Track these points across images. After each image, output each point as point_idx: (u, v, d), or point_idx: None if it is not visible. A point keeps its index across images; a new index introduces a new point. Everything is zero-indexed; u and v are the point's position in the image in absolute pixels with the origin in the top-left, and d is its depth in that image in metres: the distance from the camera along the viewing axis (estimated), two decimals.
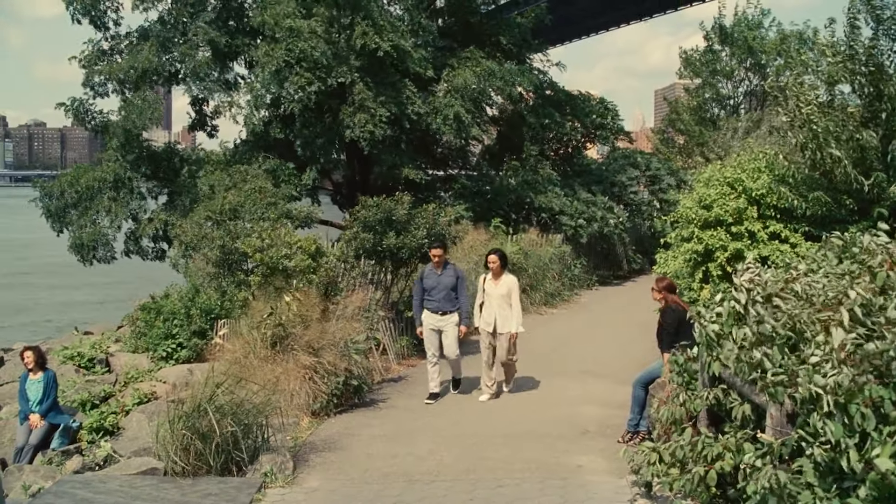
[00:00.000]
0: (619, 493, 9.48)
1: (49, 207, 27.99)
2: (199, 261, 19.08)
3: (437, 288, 14.05)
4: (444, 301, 14.05)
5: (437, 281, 14.09)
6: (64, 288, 43.97)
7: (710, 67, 41.77)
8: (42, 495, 9.91)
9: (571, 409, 13.35)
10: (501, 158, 31.31)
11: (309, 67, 24.08)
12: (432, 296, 14.11)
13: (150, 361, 17.00)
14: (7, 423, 14.33)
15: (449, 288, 14.05)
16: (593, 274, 27.99)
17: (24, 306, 38.52)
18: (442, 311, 14.07)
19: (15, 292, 43.15)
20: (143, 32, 28.71)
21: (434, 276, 14.14)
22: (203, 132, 30.61)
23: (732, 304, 8.11)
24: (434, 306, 14.10)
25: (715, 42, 41.47)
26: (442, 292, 14.04)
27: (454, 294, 14.12)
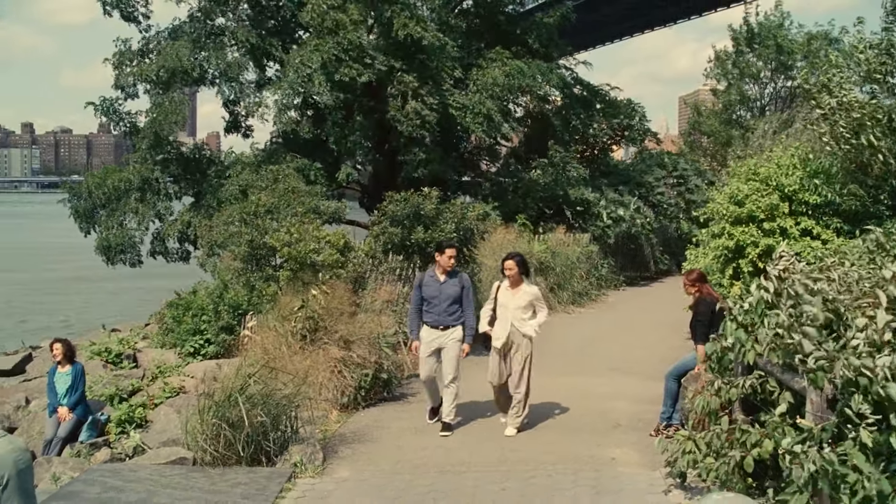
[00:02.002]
0: (653, 485, 9.39)
1: (77, 208, 28.10)
2: (226, 258, 19.09)
3: (439, 298, 11.91)
4: (446, 314, 11.93)
5: (439, 290, 11.95)
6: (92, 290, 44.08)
7: (738, 69, 41.58)
8: (72, 483, 9.91)
9: (602, 405, 13.25)
10: (528, 159, 31.20)
11: (356, 58, 24.08)
12: (432, 307, 11.98)
13: (178, 357, 16.96)
14: (36, 416, 14.33)
15: (451, 299, 11.91)
16: (620, 274, 27.85)
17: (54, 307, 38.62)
18: (443, 326, 11.90)
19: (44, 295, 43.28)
20: (172, 32, 28.76)
21: (435, 284, 12.01)
22: (237, 133, 30.60)
23: (762, 293, 8.04)
24: (433, 320, 11.95)
25: (743, 43, 41.25)
26: (444, 303, 11.91)
27: (458, 306, 11.97)
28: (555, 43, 31.11)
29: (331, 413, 12.58)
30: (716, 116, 42.32)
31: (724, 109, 42.42)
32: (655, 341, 17.96)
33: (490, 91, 26.25)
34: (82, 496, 9.31)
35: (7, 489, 7.47)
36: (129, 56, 28.21)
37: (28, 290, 44.85)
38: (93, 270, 41.43)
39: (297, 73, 23.73)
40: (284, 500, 9.20)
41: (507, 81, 26.51)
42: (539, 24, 30.68)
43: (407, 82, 24.55)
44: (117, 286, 42.59)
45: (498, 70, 26.64)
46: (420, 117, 24.32)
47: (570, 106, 31.76)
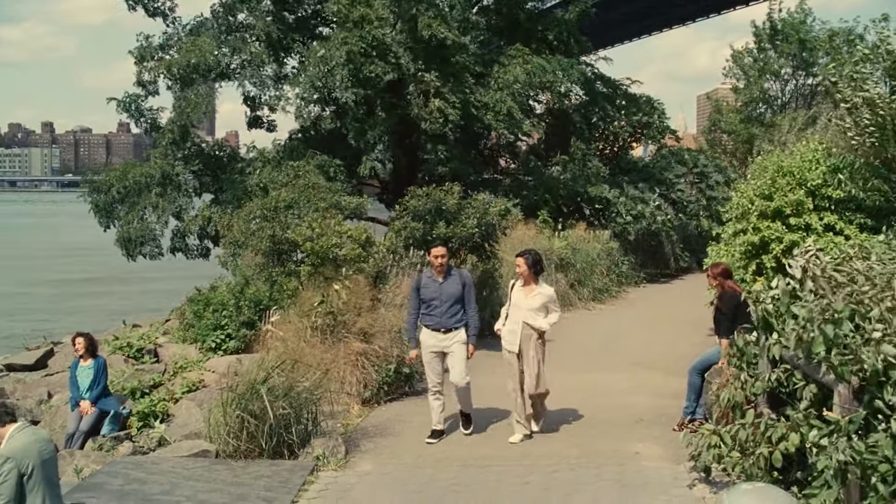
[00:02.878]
0: (677, 479, 9.38)
1: (97, 202, 28.14)
2: (248, 254, 19.10)
3: (439, 299, 11.19)
4: (447, 316, 11.19)
5: (438, 290, 11.22)
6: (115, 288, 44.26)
7: (759, 65, 41.36)
8: (95, 475, 9.95)
9: (624, 400, 13.23)
10: (549, 156, 31.14)
11: (380, 54, 24.13)
12: (432, 310, 11.24)
13: (199, 352, 16.94)
14: (58, 410, 14.34)
15: (453, 299, 11.19)
16: (641, 271, 27.74)
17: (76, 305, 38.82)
18: (445, 329, 11.19)
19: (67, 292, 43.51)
20: (194, 28, 28.83)
21: (434, 285, 11.28)
22: (260, 129, 30.61)
23: (788, 282, 8.00)
24: (434, 323, 11.23)
25: (765, 40, 41.00)
26: (444, 304, 11.18)
27: (460, 306, 11.25)
28: (575, 38, 31.02)
29: (352, 407, 12.59)
30: (736, 114, 42.10)
31: (744, 106, 42.21)
32: (677, 337, 17.87)
33: (511, 88, 26.22)
34: (105, 488, 9.36)
35: (32, 478, 7.58)
36: (151, 52, 28.27)
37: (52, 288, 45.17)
38: (115, 269, 41.78)
39: (318, 68, 23.74)
40: (307, 493, 9.22)
41: (528, 79, 26.46)
42: (559, 21, 30.58)
43: (429, 81, 24.53)
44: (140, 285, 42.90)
45: (519, 68, 26.58)
46: (443, 115, 24.29)
47: (591, 102, 31.70)
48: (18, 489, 7.53)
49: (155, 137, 28.81)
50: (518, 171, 30.94)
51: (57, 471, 8.09)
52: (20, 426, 7.81)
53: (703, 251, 18.74)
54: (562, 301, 21.23)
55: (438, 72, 24.85)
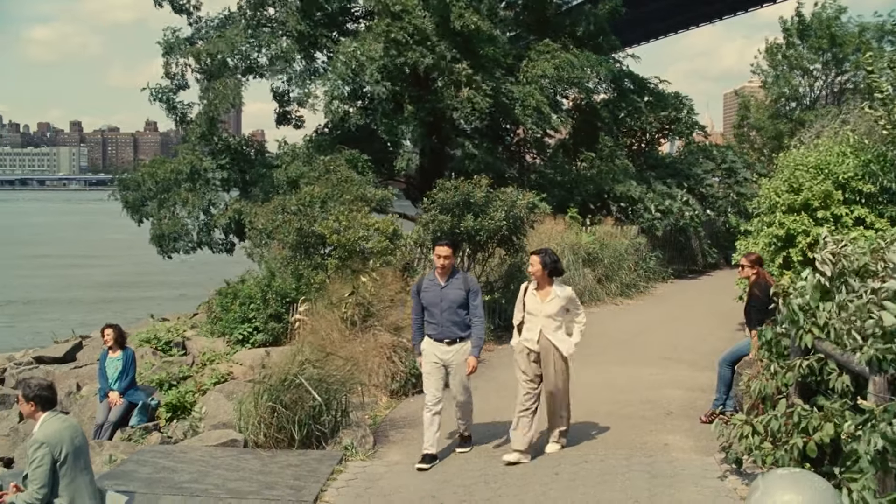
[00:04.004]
0: (707, 470, 9.32)
1: (127, 199, 28.30)
2: (275, 248, 19.15)
3: (440, 305, 9.97)
4: (450, 324, 9.97)
5: (440, 295, 9.99)
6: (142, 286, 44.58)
7: (788, 61, 41.07)
8: (124, 463, 9.99)
9: (654, 393, 13.14)
10: (576, 151, 31.08)
11: (419, 42, 24.16)
12: (432, 316, 10.06)
13: (227, 345, 17.03)
14: (87, 402, 14.40)
15: (456, 305, 9.95)
16: (668, 267, 27.59)
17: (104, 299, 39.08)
18: (448, 339, 9.96)
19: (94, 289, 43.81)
20: (221, 23, 28.94)
21: (435, 289, 10.04)
22: (288, 125, 30.74)
23: (818, 277, 7.94)
24: (436, 332, 10.02)
25: (794, 35, 40.69)
26: (446, 311, 9.95)
27: (464, 312, 10.01)
28: (604, 34, 30.93)
29: (380, 399, 12.57)
30: (765, 110, 41.84)
31: (773, 103, 41.94)
32: (706, 332, 17.79)
33: (539, 83, 26.19)
34: (134, 476, 9.38)
35: (65, 464, 7.59)
36: (178, 44, 28.39)
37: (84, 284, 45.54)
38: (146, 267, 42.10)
39: (347, 63, 23.80)
40: (336, 482, 9.20)
41: (556, 74, 26.41)
42: (588, 15, 30.47)
43: (459, 71, 24.55)
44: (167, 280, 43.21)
45: (547, 63, 26.54)
46: (472, 104, 24.31)
47: (620, 98, 31.62)
48: (52, 475, 7.54)
49: (184, 131, 28.96)
50: (546, 167, 30.86)
51: (88, 458, 8.10)
52: (52, 413, 7.83)
53: (731, 247, 18.66)
54: (589, 296, 21.37)
55: (468, 63, 24.87)
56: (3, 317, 36.25)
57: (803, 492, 5.40)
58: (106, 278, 48.26)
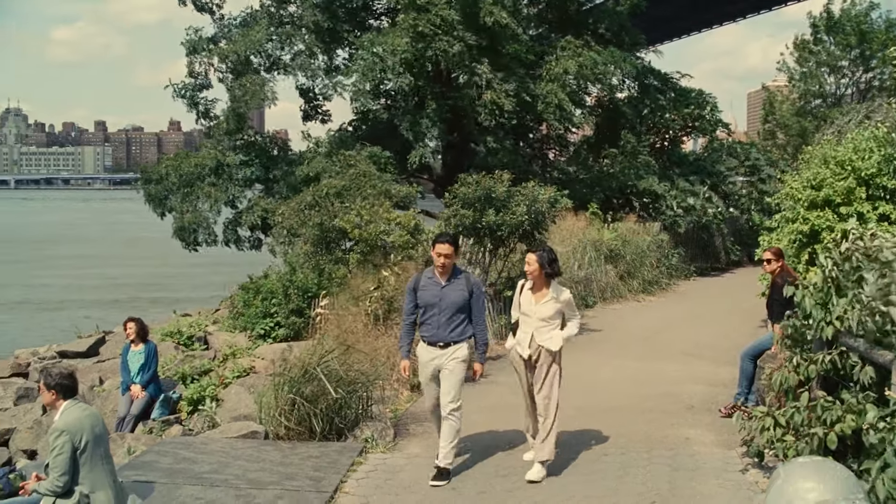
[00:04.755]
0: (729, 464, 9.30)
1: (150, 192, 28.46)
2: (298, 244, 19.19)
3: (438, 306, 9.09)
4: (447, 328, 9.07)
5: (439, 295, 9.10)
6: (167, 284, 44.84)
7: (816, 58, 40.81)
8: (145, 454, 10.04)
9: (675, 388, 13.12)
10: (599, 149, 31.03)
11: (445, 32, 24.19)
12: (429, 318, 9.17)
13: (248, 340, 17.06)
14: (109, 395, 14.46)
15: (455, 307, 9.06)
16: (691, 264, 27.50)
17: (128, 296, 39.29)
18: (443, 343, 9.07)
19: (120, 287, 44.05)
20: (244, 21, 29.06)
21: (434, 288, 9.16)
22: (314, 120, 30.83)
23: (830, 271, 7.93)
24: (431, 334, 9.13)
25: (822, 31, 40.44)
26: (444, 313, 9.07)
27: (464, 317, 9.15)
28: (626, 31, 30.86)
29: (402, 392, 12.56)
30: (790, 106, 41.61)
31: (798, 99, 41.71)
32: (728, 328, 17.73)
33: (562, 80, 26.16)
34: (155, 466, 9.42)
35: (85, 452, 7.61)
36: (202, 44, 28.53)
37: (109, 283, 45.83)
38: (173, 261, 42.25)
39: (372, 57, 23.88)
40: (356, 474, 9.20)
41: (579, 71, 26.37)
42: (610, 12, 30.42)
43: (481, 74, 24.57)
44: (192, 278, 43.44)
45: (570, 60, 26.51)
46: (497, 106, 24.33)
47: (643, 95, 31.55)
48: (72, 463, 7.58)
49: (208, 126, 29.10)
50: (568, 164, 30.83)
51: (108, 447, 8.14)
52: (73, 401, 7.86)
53: (754, 245, 18.54)
54: (611, 292, 21.33)
55: (490, 61, 24.88)
56: (28, 314, 36.54)
57: (825, 480, 5.30)
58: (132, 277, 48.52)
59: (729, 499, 8.22)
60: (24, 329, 31.67)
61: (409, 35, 23.85)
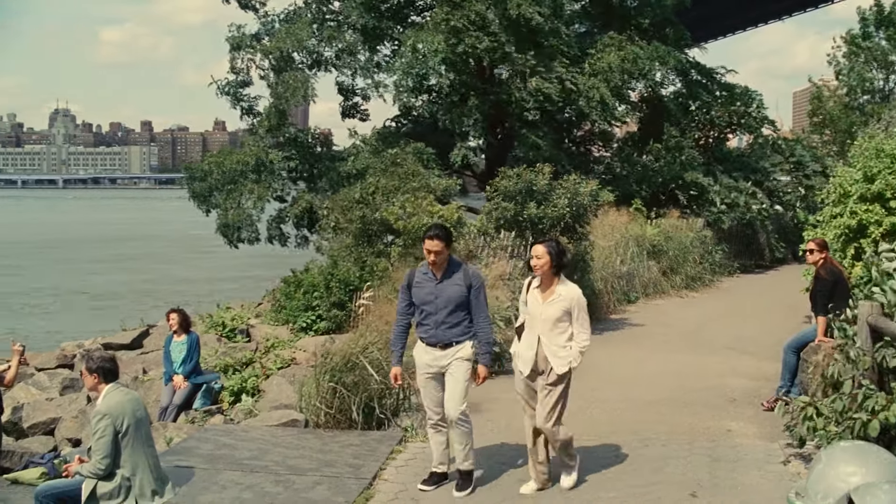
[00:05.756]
0: (771, 455, 9.22)
1: (195, 189, 28.69)
2: (341, 238, 19.27)
3: (435, 303, 8.32)
4: (445, 326, 8.30)
5: (434, 292, 8.34)
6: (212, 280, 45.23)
7: (865, 53, 40.26)
8: (186, 441, 10.14)
9: (717, 381, 13.07)
10: (643, 144, 30.86)
11: (480, 28, 24.20)
12: (425, 317, 8.41)
13: (290, 333, 17.15)
14: (152, 385, 14.57)
15: (453, 304, 8.28)
16: (734, 261, 27.28)
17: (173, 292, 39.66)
18: (442, 344, 8.31)
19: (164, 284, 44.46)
20: (287, 18, 29.18)
21: (429, 284, 8.39)
22: (354, 118, 30.95)
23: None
24: (429, 335, 8.37)
25: (872, 25, 39.89)
26: (441, 311, 8.30)
27: (463, 314, 8.35)
28: (671, 24, 30.67)
29: None
30: (837, 101, 41.10)
31: (846, 94, 41.18)
32: (772, 324, 17.54)
33: (604, 75, 26.06)
34: (195, 452, 9.51)
35: (127, 435, 7.69)
36: (245, 41, 28.67)
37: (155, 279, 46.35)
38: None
39: (414, 53, 23.92)
40: (395, 462, 9.23)
41: (622, 65, 26.25)
42: (654, 7, 30.20)
43: (524, 61, 24.55)
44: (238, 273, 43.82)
45: (613, 55, 26.40)
46: (542, 94, 24.31)
47: (688, 91, 31.35)
48: (114, 446, 7.66)
49: (251, 124, 29.28)
50: (612, 159, 30.71)
51: (150, 431, 8.21)
52: (114, 385, 7.94)
53: (799, 242, 18.36)
54: (654, 288, 21.21)
55: (532, 53, 24.84)
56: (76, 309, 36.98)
57: (868, 463, 5.28)
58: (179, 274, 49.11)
59: (770, 490, 8.14)
60: (71, 323, 32.06)
61: (443, 31, 23.82)
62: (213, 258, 51.53)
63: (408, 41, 24.52)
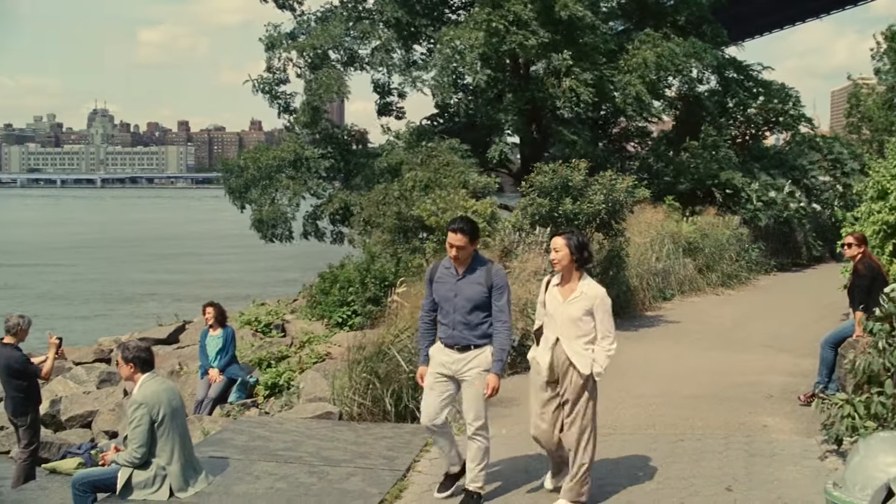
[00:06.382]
0: (807, 451, 9.17)
1: (230, 184, 28.87)
2: (375, 233, 19.30)
3: (454, 302, 7.65)
4: (463, 327, 7.61)
5: (454, 289, 7.66)
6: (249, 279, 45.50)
7: None
8: (221, 432, 10.21)
9: (754, 378, 12.96)
10: (679, 142, 30.69)
11: (519, 27, 24.18)
12: (444, 315, 7.77)
13: (325, 328, 17.18)
14: (188, 379, 14.66)
15: (472, 304, 7.57)
16: (771, 259, 27.07)
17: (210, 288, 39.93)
18: (460, 346, 7.63)
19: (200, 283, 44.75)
20: (322, 16, 29.31)
21: (449, 280, 7.73)
22: (389, 116, 31.00)
23: None
24: (446, 335, 7.74)
25: None
26: (460, 310, 7.61)
27: (486, 315, 7.63)
28: (707, 21, 30.49)
29: None
30: (877, 98, 40.65)
31: (886, 92, 40.74)
32: (809, 321, 17.40)
33: (640, 72, 25.97)
34: (230, 443, 9.56)
35: (162, 425, 7.73)
36: (280, 39, 28.83)
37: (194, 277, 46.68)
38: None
39: (451, 50, 23.94)
40: (429, 454, 9.23)
41: (658, 62, 26.13)
42: (690, 3, 30.01)
43: (560, 60, 24.50)
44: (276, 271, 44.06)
45: (649, 51, 26.30)
46: (575, 94, 24.25)
47: (724, 88, 31.16)
48: (150, 435, 7.70)
49: (288, 121, 29.44)
50: (648, 156, 30.57)
51: (185, 421, 8.25)
52: (150, 375, 7.99)
53: (837, 240, 18.20)
54: (689, 285, 21.10)
55: (570, 50, 24.78)
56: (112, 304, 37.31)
57: None
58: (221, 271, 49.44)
59: (807, 485, 8.07)
60: (108, 319, 32.40)
61: (482, 30, 23.81)
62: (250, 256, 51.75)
63: (444, 37, 24.53)
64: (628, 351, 13.42)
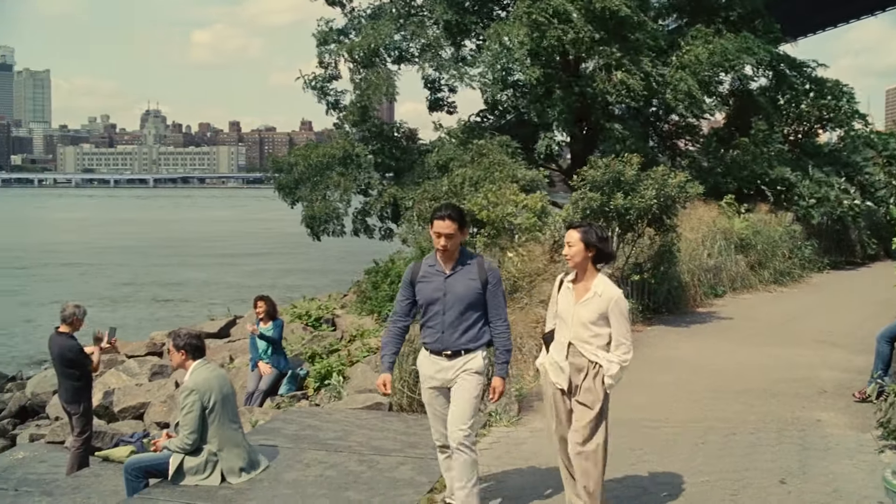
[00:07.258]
0: (863, 446, 9.05)
1: (281, 181, 29.07)
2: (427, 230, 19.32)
3: (442, 302, 6.82)
4: (454, 331, 6.80)
5: (442, 288, 6.82)
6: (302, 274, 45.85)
7: None
8: (271, 422, 10.28)
9: (807, 373, 12.80)
10: (730, 139, 30.40)
11: (562, 22, 24.10)
12: (431, 319, 6.89)
13: (375, 323, 17.22)
14: (239, 371, 14.76)
15: (464, 304, 6.79)
16: (824, 257, 26.74)
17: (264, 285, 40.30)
18: (450, 352, 6.83)
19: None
20: (373, 13, 29.39)
21: (437, 279, 6.85)
22: (440, 111, 31.00)
23: None
24: (433, 340, 6.90)
25: None
26: (450, 311, 6.80)
27: (478, 315, 6.87)
28: (761, 17, 30.18)
29: (526, 372, 12.49)
30: None
31: None
32: (864, 318, 17.17)
33: (692, 68, 25.76)
34: (280, 432, 9.62)
35: (213, 412, 7.78)
36: (332, 35, 28.94)
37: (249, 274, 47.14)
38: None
39: (499, 48, 23.92)
40: (478, 445, 9.14)
41: (710, 58, 25.91)
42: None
43: (609, 53, 24.39)
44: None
45: (701, 47, 26.08)
46: (626, 87, 24.14)
47: (777, 84, 30.83)
48: (201, 422, 7.76)
49: (337, 118, 29.54)
50: (699, 153, 30.34)
51: (236, 407, 8.30)
52: (202, 362, 8.04)
53: (892, 238, 17.97)
54: (741, 282, 20.95)
55: (618, 45, 24.67)
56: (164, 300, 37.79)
57: None
58: (275, 268, 49.91)
59: (864, 478, 7.98)
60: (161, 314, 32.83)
61: (525, 24, 23.73)
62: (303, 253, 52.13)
63: (492, 34, 24.51)
64: (679, 346, 13.31)
